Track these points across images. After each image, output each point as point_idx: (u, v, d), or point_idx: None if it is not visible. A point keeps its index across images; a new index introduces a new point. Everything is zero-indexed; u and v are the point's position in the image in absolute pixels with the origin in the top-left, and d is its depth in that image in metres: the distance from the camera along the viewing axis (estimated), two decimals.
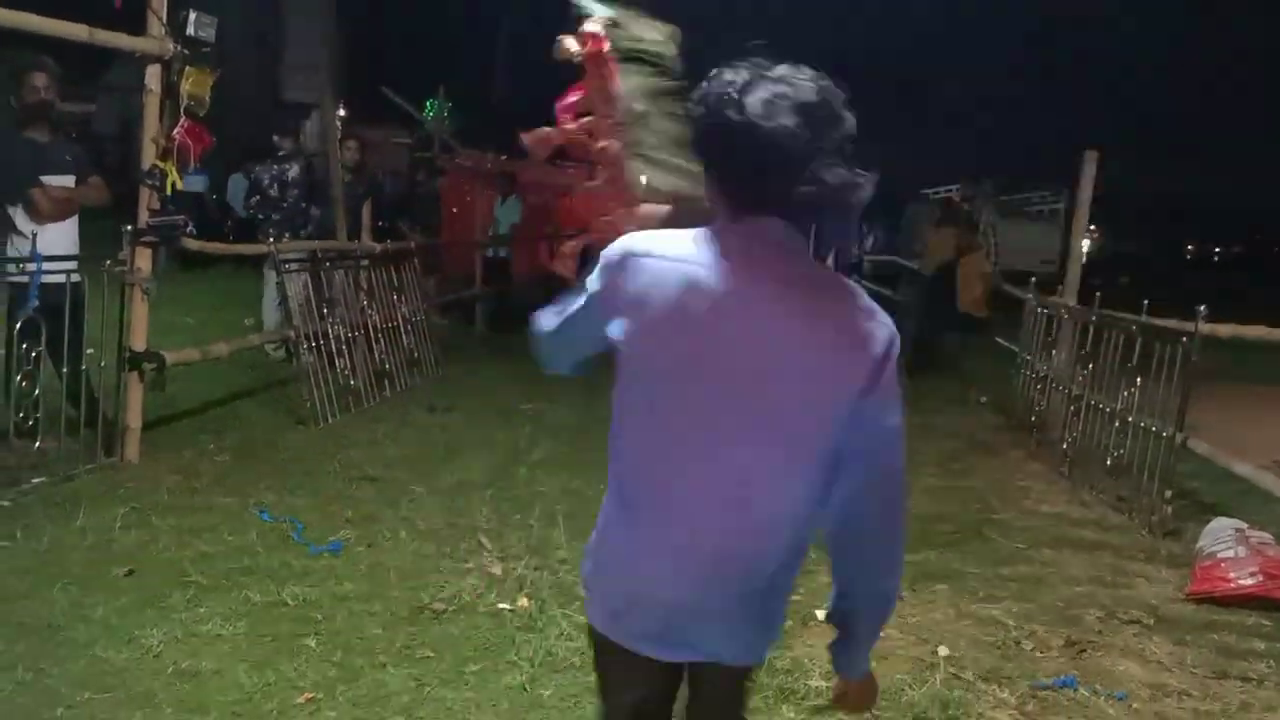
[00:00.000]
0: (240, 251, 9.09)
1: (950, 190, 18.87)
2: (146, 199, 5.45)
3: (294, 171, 8.84)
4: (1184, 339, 5.47)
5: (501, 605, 4.01)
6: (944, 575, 4.61)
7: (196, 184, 10.25)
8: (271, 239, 7.81)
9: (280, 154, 8.97)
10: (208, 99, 5.47)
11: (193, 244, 6.33)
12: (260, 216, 8.89)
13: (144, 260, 5.54)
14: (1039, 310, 7.93)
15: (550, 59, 2.33)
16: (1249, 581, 4.34)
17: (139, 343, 5.59)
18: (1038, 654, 3.84)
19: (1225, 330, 5.48)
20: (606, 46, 2.29)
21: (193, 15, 5.32)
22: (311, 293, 7.46)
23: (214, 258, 10.43)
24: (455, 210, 13.37)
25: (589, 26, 2.30)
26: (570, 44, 2.35)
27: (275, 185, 8.79)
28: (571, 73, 2.35)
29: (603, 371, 1.79)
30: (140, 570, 4.11)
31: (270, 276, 8.22)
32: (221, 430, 6.36)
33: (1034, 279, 8.68)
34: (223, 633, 3.66)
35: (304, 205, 8.86)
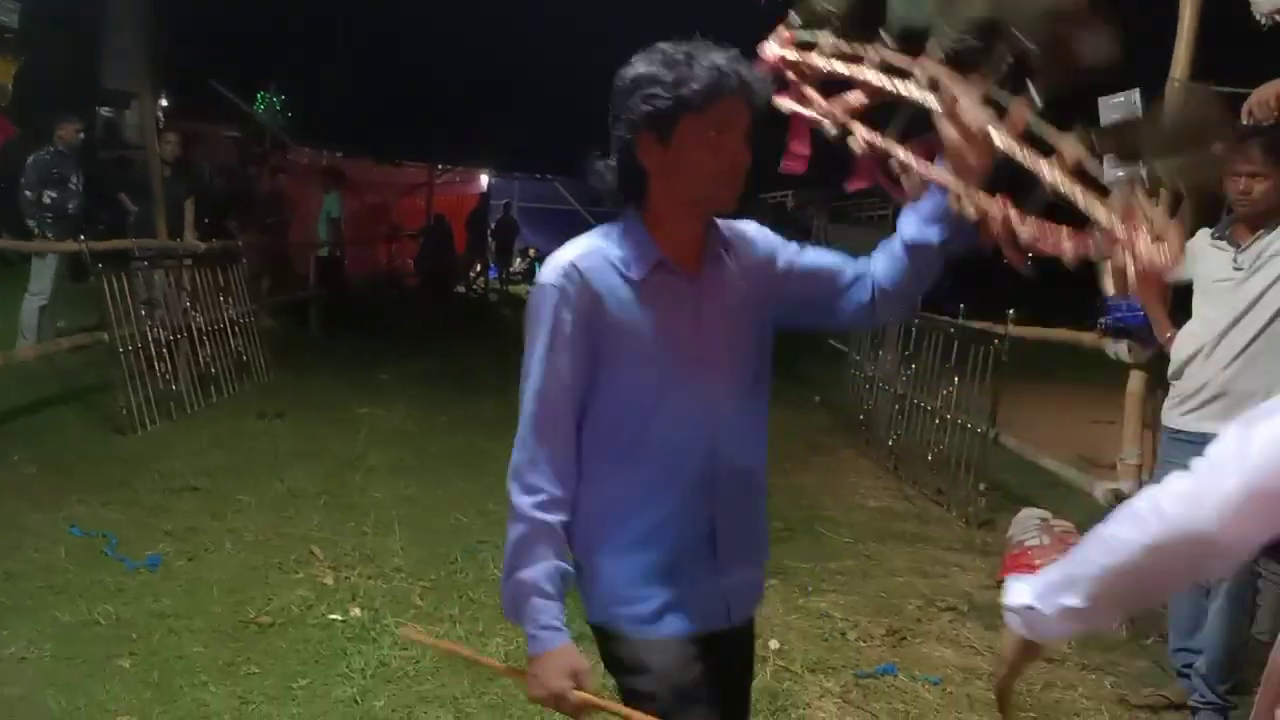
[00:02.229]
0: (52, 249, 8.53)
1: (784, 195, 19.44)
2: None
3: (68, 165, 8.05)
4: (995, 341, 5.81)
5: (332, 616, 3.90)
6: (776, 571, 4.74)
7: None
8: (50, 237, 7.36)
9: (57, 148, 8.09)
10: (9, 87, 5.13)
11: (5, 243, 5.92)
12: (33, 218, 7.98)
13: None
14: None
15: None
16: None
17: None
18: (861, 644, 4.00)
19: (1032, 333, 5.85)
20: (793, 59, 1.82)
21: None
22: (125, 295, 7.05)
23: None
24: (291, 209, 12.96)
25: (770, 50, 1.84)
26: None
27: (50, 181, 7.95)
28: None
29: (439, 375, 1.77)
30: None
31: (40, 270, 7.71)
32: (28, 440, 5.97)
33: None
34: (28, 656, 3.45)
35: (75, 203, 8.08)
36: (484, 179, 22.87)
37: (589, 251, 1.72)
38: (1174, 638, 3.63)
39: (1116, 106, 4.36)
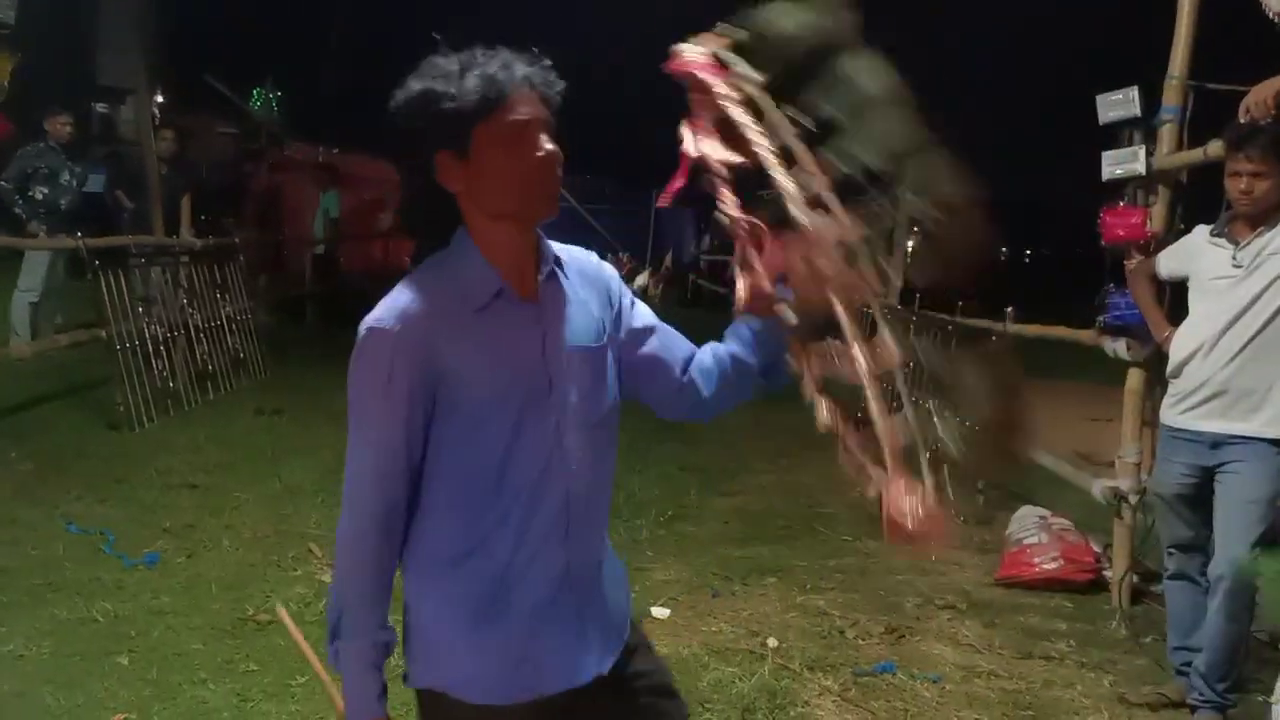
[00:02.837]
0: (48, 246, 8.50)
1: None
2: None
3: (57, 160, 7.99)
4: (993, 338, 5.81)
5: None
6: (775, 569, 4.75)
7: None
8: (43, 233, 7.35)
9: (46, 143, 8.02)
10: (5, 84, 5.11)
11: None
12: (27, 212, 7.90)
13: None
14: (864, 311, 8.25)
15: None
16: (1051, 566, 4.64)
17: None
18: (860, 641, 4.00)
19: (1031, 330, 5.84)
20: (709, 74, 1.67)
21: None
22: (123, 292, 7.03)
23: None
24: (288, 205, 12.95)
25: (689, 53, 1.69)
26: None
27: (38, 177, 7.88)
28: None
29: None
30: None
31: (30, 266, 7.69)
32: (25, 437, 5.96)
33: None
34: (26, 653, 3.44)
35: (68, 199, 8.03)
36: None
37: (419, 285, 1.56)
38: (1173, 636, 3.64)
39: (1115, 104, 4.37)
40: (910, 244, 1.45)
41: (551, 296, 1.62)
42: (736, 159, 1.62)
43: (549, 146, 1.54)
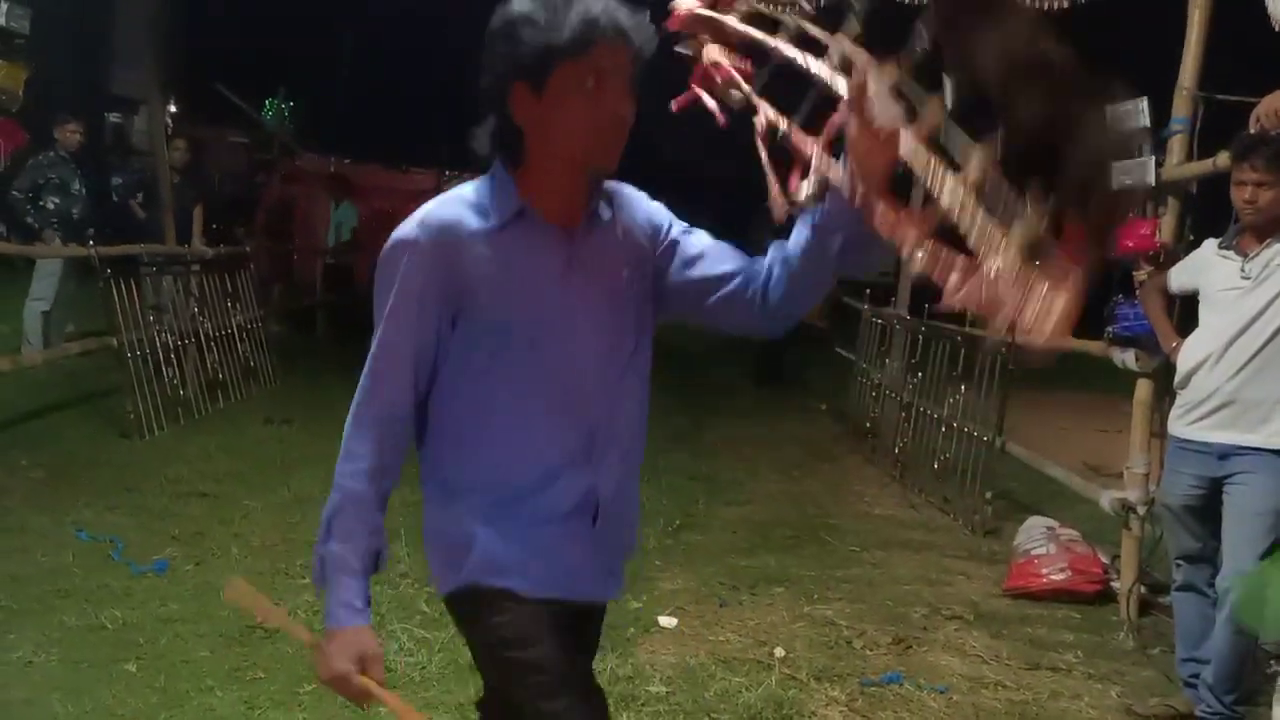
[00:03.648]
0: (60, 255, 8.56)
1: None
2: None
3: (68, 170, 7.99)
4: (1002, 349, 5.80)
5: None
6: (782, 578, 4.74)
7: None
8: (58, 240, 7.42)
9: (56, 153, 8.03)
10: (20, 93, 5.16)
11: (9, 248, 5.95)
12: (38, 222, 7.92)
13: None
14: (874, 321, 8.27)
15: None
16: (1059, 577, 4.63)
17: None
18: (867, 652, 3.99)
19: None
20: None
21: (4, 5, 5.01)
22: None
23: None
24: (299, 216, 13.00)
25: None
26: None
27: (49, 187, 7.88)
28: None
29: None
30: None
31: (42, 275, 7.74)
32: (35, 444, 5.99)
33: (868, 290, 9.02)
34: (35, 660, 3.45)
35: (80, 209, 8.03)
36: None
37: (445, 202, 1.62)
38: (1181, 648, 3.62)
39: (1124, 115, 4.37)
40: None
41: (592, 230, 1.63)
42: (754, 33, 1.61)
43: (626, 103, 1.53)
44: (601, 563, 1.71)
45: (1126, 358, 4.32)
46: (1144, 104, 4.29)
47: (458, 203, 1.60)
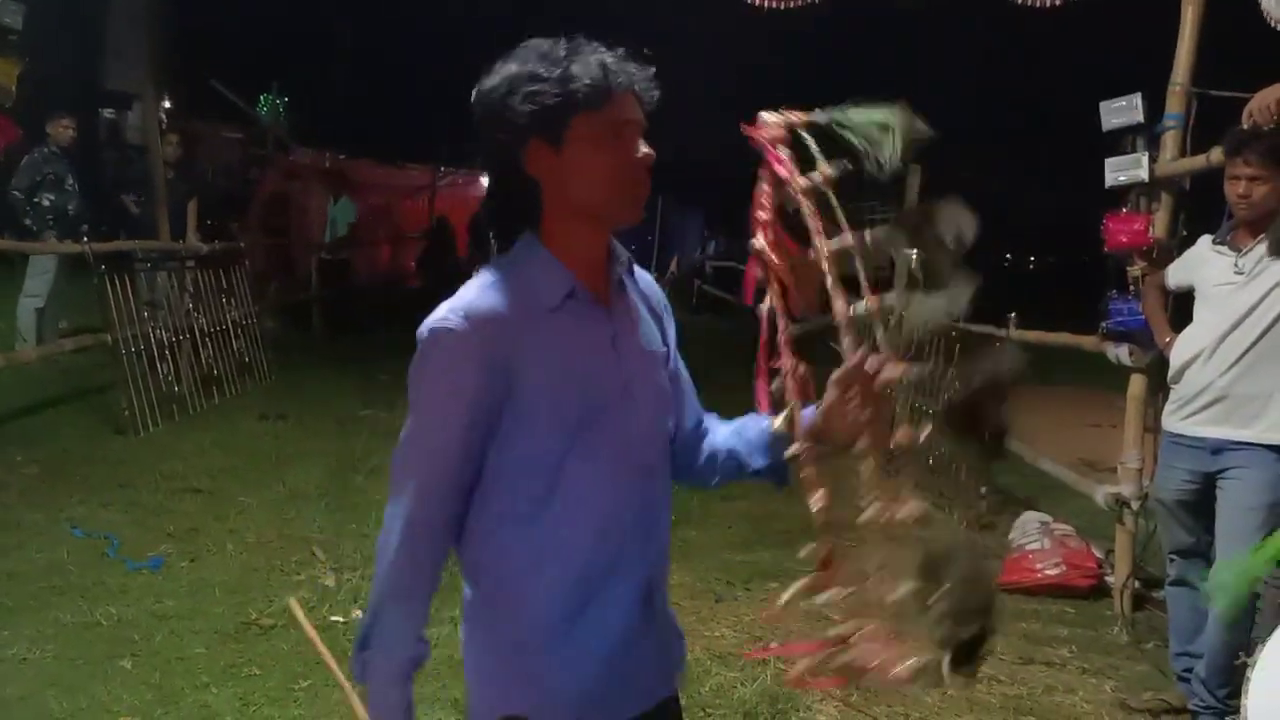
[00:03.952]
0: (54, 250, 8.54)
1: None
2: None
3: (62, 166, 7.96)
4: (996, 344, 5.81)
5: (334, 618, 3.91)
6: (777, 573, 4.74)
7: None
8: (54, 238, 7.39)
9: (49, 149, 8.00)
10: (13, 89, 5.14)
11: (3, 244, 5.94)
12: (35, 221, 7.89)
13: None
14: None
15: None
16: (1053, 572, 4.64)
17: None
18: None
19: (1033, 336, 5.84)
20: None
21: None
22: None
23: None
24: (294, 211, 12.99)
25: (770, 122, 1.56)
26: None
27: (45, 183, 7.86)
28: None
29: None
30: None
31: (36, 272, 7.72)
32: (30, 441, 5.98)
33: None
34: (29, 656, 3.45)
35: (75, 205, 8.01)
36: (486, 181, 22.84)
37: (489, 286, 1.48)
38: (1174, 642, 3.64)
39: (1118, 110, 4.38)
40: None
41: (622, 300, 1.58)
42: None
43: (645, 149, 1.50)
44: (661, 655, 1.61)
45: (1120, 353, 4.33)
46: (1138, 99, 4.31)
47: (499, 286, 1.48)
